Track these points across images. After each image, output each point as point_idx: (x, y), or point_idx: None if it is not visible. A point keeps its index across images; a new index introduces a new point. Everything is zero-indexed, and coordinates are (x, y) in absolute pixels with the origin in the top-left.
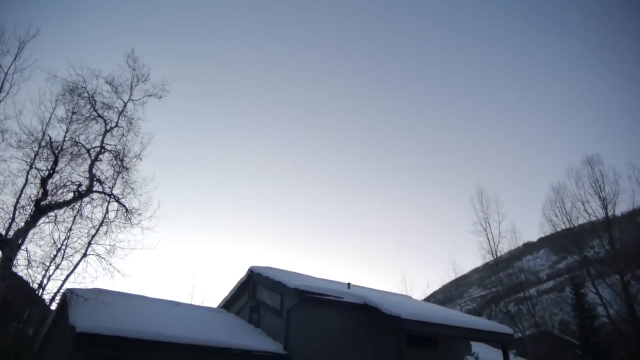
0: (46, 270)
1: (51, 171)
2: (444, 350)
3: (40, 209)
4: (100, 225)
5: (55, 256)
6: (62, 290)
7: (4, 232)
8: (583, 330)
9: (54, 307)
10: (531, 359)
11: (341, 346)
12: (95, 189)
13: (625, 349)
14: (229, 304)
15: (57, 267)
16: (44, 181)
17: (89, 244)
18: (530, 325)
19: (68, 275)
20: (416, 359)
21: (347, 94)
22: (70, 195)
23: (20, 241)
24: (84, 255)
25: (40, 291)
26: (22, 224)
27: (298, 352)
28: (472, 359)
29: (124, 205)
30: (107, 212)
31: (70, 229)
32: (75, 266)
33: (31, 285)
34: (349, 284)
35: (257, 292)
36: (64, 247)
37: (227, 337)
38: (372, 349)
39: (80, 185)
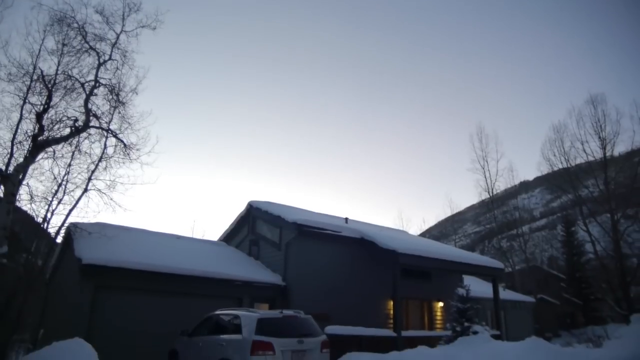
0: (49, 205)
1: (46, 106)
2: (437, 283)
3: (38, 145)
4: (99, 160)
5: (56, 191)
6: (66, 224)
7: (3, 168)
8: (570, 265)
9: (59, 240)
10: (519, 291)
11: (338, 278)
12: (92, 124)
13: (607, 282)
14: (229, 238)
15: (59, 202)
16: (39, 116)
17: (89, 179)
18: (521, 260)
19: (71, 210)
20: (410, 291)
21: (348, 32)
22: (67, 130)
23: (20, 176)
24: (85, 190)
25: (45, 225)
26: (21, 160)
27: (296, 284)
28: (463, 291)
29: (122, 141)
30: (105, 147)
31: (69, 165)
32: (77, 201)
33: (36, 219)
34: (346, 219)
35: (256, 226)
36: (64, 182)
37: (228, 269)
38: (368, 281)
39: (76, 120)
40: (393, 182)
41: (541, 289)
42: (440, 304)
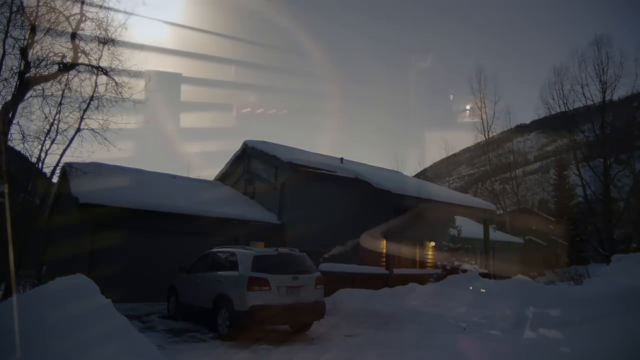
0: (42, 145)
1: (30, 41)
2: (430, 223)
3: (26, 82)
4: (91, 99)
5: (49, 131)
6: (61, 164)
7: None
8: (559, 209)
9: (55, 180)
10: (509, 232)
11: (333, 217)
12: (80, 61)
13: (593, 224)
14: (224, 177)
15: (52, 142)
16: (23, 51)
17: (82, 118)
18: (512, 203)
19: (65, 150)
20: (403, 232)
21: None
22: (55, 67)
23: (10, 115)
24: (78, 130)
25: (40, 165)
26: (9, 98)
27: (291, 222)
28: (454, 231)
29: (113, 79)
30: (96, 85)
31: (60, 104)
32: (71, 141)
33: (30, 159)
34: (341, 159)
35: (252, 166)
36: (56, 121)
37: (224, 208)
38: (362, 221)
39: (64, 57)
40: (389, 123)
41: (529, 231)
42: (432, 243)
